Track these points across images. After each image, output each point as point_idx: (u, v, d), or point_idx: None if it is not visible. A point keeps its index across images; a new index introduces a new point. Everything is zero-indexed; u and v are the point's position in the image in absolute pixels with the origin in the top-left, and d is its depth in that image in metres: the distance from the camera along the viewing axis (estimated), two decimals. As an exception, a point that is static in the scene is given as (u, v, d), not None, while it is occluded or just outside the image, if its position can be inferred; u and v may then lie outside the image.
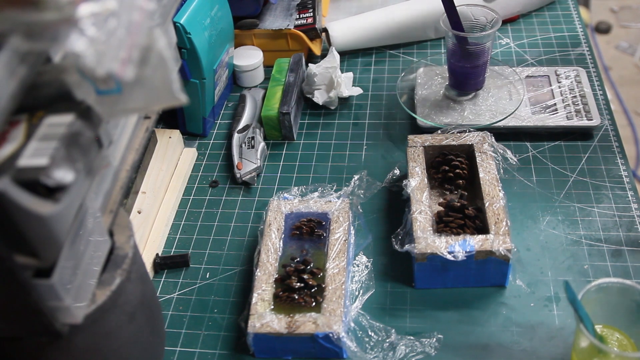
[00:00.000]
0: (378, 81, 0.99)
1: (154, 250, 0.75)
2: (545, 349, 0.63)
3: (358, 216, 0.77)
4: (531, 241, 0.73)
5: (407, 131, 0.89)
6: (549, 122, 0.84)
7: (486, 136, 0.76)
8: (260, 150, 0.86)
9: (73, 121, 0.39)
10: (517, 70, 0.93)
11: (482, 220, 0.68)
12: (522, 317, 0.66)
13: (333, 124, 0.92)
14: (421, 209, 0.69)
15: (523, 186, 0.79)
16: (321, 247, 0.70)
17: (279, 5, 1.05)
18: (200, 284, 0.73)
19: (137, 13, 0.37)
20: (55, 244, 0.38)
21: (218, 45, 0.89)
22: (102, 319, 0.48)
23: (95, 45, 0.34)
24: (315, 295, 0.65)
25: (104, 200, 0.49)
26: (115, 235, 0.52)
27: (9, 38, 0.34)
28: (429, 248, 0.65)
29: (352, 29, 1.03)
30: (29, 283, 0.40)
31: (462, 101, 0.89)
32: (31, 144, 0.37)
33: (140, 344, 0.55)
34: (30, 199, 0.35)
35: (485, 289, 0.68)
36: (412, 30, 1.04)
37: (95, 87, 0.41)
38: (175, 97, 0.40)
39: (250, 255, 0.75)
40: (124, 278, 0.49)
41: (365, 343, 0.64)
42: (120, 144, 0.51)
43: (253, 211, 0.81)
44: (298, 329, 0.61)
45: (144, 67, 0.38)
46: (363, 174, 0.82)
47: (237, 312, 0.69)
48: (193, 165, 0.89)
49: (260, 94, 0.97)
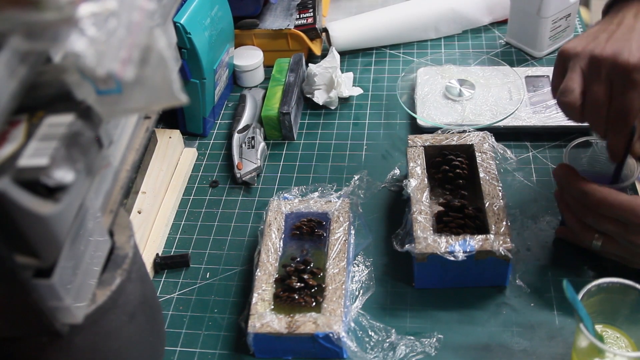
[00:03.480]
0: (378, 81, 0.99)
1: (154, 250, 0.75)
2: (545, 349, 0.63)
3: (358, 216, 0.77)
4: (531, 241, 0.73)
5: (407, 131, 0.89)
6: (549, 122, 0.84)
7: (486, 136, 0.76)
8: (260, 150, 0.86)
9: (73, 121, 0.39)
10: (517, 70, 0.93)
11: (482, 220, 0.68)
12: (522, 317, 0.66)
13: (333, 124, 0.92)
14: (421, 209, 0.69)
15: (523, 186, 0.79)
16: (321, 247, 0.70)
17: (279, 5, 1.05)
18: (200, 284, 0.73)
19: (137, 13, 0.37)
20: (55, 244, 0.38)
21: (218, 45, 0.89)
22: (102, 319, 0.48)
23: (95, 45, 0.34)
24: (316, 295, 0.65)
25: (104, 200, 0.49)
26: (116, 235, 0.52)
27: (9, 38, 0.34)
28: (429, 248, 0.65)
29: (352, 29, 1.03)
30: (29, 283, 0.40)
31: (462, 101, 0.89)
32: (31, 144, 0.37)
33: (140, 344, 0.55)
34: (30, 199, 0.35)
35: (485, 289, 0.68)
36: (412, 30, 1.04)
37: (95, 87, 0.41)
38: (176, 97, 0.40)
39: (250, 255, 0.75)
40: (124, 278, 0.49)
41: (366, 343, 0.64)
42: (120, 144, 0.51)
43: (253, 211, 0.81)
44: (298, 329, 0.61)
45: (144, 67, 0.38)
46: (363, 174, 0.82)
47: (237, 312, 0.69)
48: (193, 165, 0.89)
49: (260, 94, 0.97)
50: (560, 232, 0.72)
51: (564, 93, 0.59)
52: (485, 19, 1.06)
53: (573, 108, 0.60)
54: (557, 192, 0.68)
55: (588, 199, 0.61)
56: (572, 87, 0.59)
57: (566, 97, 0.59)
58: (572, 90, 0.59)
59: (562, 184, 0.65)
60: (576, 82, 0.59)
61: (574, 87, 0.59)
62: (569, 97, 0.59)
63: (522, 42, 1.00)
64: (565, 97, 0.59)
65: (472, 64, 0.97)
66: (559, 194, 0.68)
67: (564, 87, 0.60)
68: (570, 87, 0.59)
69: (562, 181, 0.64)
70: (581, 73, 0.59)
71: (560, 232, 0.72)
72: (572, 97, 0.59)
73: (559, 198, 0.68)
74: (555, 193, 0.69)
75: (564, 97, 0.60)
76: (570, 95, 0.59)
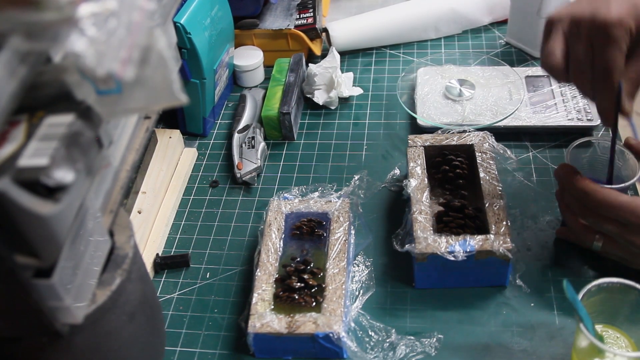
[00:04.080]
0: (378, 81, 0.99)
1: (154, 250, 0.75)
2: (545, 349, 0.63)
3: (358, 216, 0.77)
4: (531, 241, 0.73)
5: (407, 131, 0.89)
6: (549, 122, 0.84)
7: (486, 136, 0.76)
8: (260, 150, 0.86)
9: (73, 121, 0.39)
10: (517, 70, 0.93)
11: (482, 220, 0.68)
12: (522, 317, 0.66)
13: (333, 124, 0.92)
14: (421, 209, 0.69)
15: (523, 186, 0.79)
16: (321, 247, 0.70)
17: (279, 5, 1.05)
18: (200, 284, 0.73)
19: (137, 13, 0.37)
20: (55, 244, 0.38)
21: (218, 45, 0.89)
22: (102, 319, 0.48)
23: (95, 45, 0.34)
24: (316, 295, 0.65)
25: (104, 200, 0.49)
26: (116, 235, 0.52)
27: (9, 38, 0.34)
28: (429, 248, 0.65)
29: (352, 29, 1.03)
30: (29, 283, 0.40)
31: (462, 101, 0.89)
32: (31, 144, 0.37)
33: (140, 344, 0.55)
34: (30, 199, 0.35)
35: (485, 289, 0.68)
36: (412, 30, 1.04)
37: (95, 87, 0.41)
38: (176, 97, 0.40)
39: (250, 255, 0.75)
40: (124, 278, 0.49)
41: (366, 343, 0.64)
42: (120, 144, 0.51)
43: (253, 211, 0.81)
44: (298, 329, 0.61)
45: (144, 67, 0.38)
46: (363, 174, 0.82)
47: (237, 312, 0.69)
48: (193, 165, 0.89)
49: (260, 94, 0.97)
50: (560, 232, 0.72)
51: (547, 55, 0.60)
52: (485, 19, 1.06)
53: (557, 69, 0.60)
54: (559, 192, 0.68)
55: (589, 199, 0.61)
56: (553, 49, 0.60)
57: (548, 59, 0.60)
58: (553, 52, 0.60)
59: (563, 184, 0.65)
60: (557, 44, 0.60)
61: (555, 48, 0.59)
62: (551, 59, 0.60)
63: (522, 42, 1.00)
64: (548, 58, 0.60)
65: (472, 64, 0.97)
66: (560, 194, 0.68)
67: (547, 50, 0.60)
68: (552, 48, 0.60)
69: (563, 181, 0.65)
70: (563, 35, 0.60)
71: (560, 232, 0.72)
72: (554, 58, 0.60)
73: (560, 198, 0.68)
74: (557, 193, 0.69)
75: (546, 59, 0.60)
76: (553, 56, 0.60)
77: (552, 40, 0.60)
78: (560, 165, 0.65)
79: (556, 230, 0.73)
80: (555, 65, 0.60)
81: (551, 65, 0.60)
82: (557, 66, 0.60)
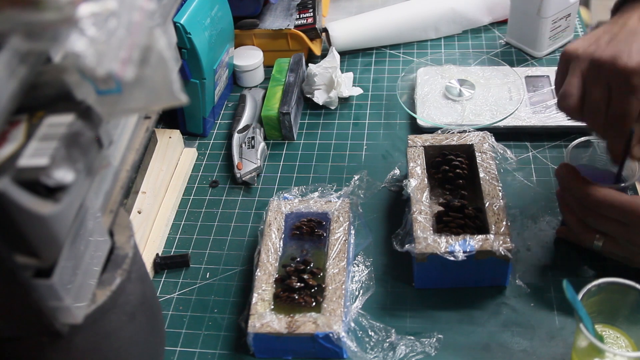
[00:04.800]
0: (378, 81, 0.99)
1: (154, 250, 0.75)
2: (545, 349, 0.63)
3: (358, 216, 0.77)
4: (531, 241, 0.73)
5: (407, 131, 0.89)
6: (549, 122, 0.84)
7: (486, 136, 0.76)
8: (260, 150, 0.86)
9: (73, 121, 0.39)
10: (517, 70, 0.93)
11: (482, 220, 0.68)
12: (522, 317, 0.66)
13: (333, 124, 0.92)
14: (421, 209, 0.69)
15: (523, 186, 0.79)
16: (321, 247, 0.70)
17: (279, 5, 1.05)
18: (200, 284, 0.73)
19: (137, 13, 0.37)
20: (55, 244, 0.38)
21: (218, 45, 0.89)
22: (102, 319, 0.48)
23: (95, 45, 0.34)
24: (316, 295, 0.65)
25: (104, 200, 0.49)
26: (116, 235, 0.52)
27: (9, 38, 0.34)
28: (429, 248, 0.64)
29: (352, 29, 1.03)
30: (29, 283, 0.40)
31: (462, 101, 0.89)
32: (31, 144, 0.37)
33: (140, 344, 0.55)
34: (30, 199, 0.35)
35: (485, 289, 0.68)
36: (412, 30, 1.04)
37: (95, 87, 0.41)
38: (176, 97, 0.40)
39: (250, 255, 0.75)
40: (124, 278, 0.49)
41: (366, 343, 0.64)
42: (120, 144, 0.51)
43: (253, 211, 0.81)
44: (298, 329, 0.61)
45: (144, 67, 0.38)
46: (363, 174, 0.82)
47: (237, 312, 0.69)
48: (193, 165, 0.89)
49: (260, 94, 0.97)
50: (560, 232, 0.72)
51: (564, 97, 0.61)
52: (485, 19, 1.06)
53: (573, 112, 0.61)
54: (559, 191, 0.68)
55: (589, 199, 0.61)
56: (571, 92, 0.60)
57: (565, 102, 0.60)
58: (571, 95, 0.60)
59: (563, 183, 0.65)
60: (575, 86, 0.60)
61: (572, 91, 0.60)
62: (568, 102, 0.60)
63: (522, 42, 1.00)
64: (565, 101, 0.61)
65: (472, 64, 0.97)
66: (560, 193, 0.68)
67: (564, 91, 0.61)
68: (569, 91, 0.60)
69: (563, 181, 0.65)
70: (581, 76, 0.60)
71: (560, 232, 0.72)
72: (571, 101, 0.60)
73: (561, 198, 0.68)
74: (557, 192, 0.69)
75: (563, 102, 0.61)
76: (570, 99, 0.60)
77: (569, 82, 0.60)
78: (561, 164, 0.65)
79: (556, 230, 0.73)
80: (572, 108, 0.60)
81: (568, 109, 0.61)
82: (574, 109, 0.60)
